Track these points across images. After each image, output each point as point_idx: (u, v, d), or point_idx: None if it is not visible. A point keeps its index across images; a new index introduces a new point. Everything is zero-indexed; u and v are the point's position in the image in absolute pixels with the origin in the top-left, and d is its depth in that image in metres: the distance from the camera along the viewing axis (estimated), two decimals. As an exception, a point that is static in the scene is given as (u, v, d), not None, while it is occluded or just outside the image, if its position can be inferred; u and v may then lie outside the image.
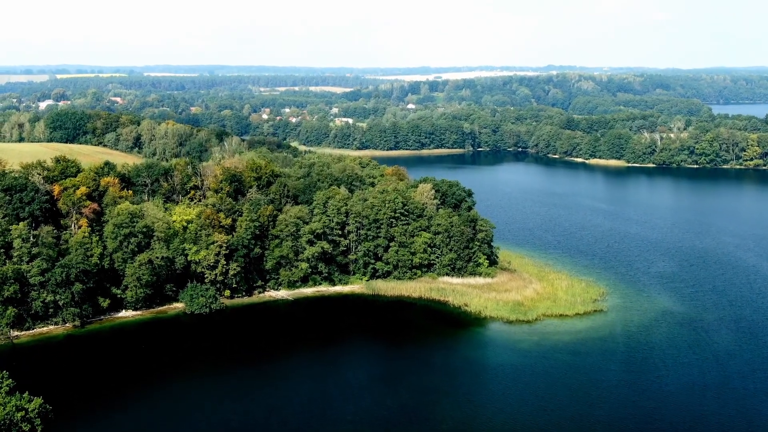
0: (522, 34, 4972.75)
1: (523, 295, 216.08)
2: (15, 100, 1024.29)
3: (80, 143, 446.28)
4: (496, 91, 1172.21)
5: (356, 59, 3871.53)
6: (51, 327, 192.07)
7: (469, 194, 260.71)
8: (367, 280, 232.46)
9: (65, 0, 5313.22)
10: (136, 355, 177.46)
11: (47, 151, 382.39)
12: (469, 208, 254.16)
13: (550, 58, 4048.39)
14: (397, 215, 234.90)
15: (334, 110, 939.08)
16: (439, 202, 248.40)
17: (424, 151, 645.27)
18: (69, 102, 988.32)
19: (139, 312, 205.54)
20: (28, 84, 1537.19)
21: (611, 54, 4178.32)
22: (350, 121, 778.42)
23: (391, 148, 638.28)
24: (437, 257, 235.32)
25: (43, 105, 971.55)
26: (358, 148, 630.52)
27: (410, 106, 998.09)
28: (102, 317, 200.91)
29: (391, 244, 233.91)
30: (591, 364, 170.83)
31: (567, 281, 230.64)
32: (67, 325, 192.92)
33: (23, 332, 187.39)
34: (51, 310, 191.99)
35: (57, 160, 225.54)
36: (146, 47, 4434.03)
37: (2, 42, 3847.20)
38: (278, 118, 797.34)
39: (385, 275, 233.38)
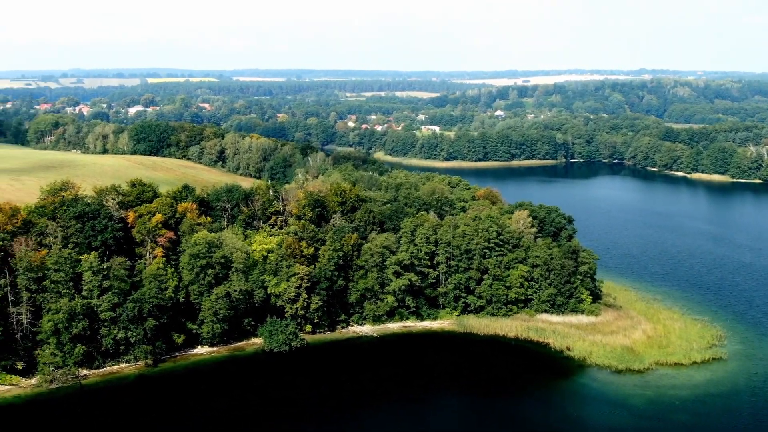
0: (612, 36, 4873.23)
1: (631, 339, 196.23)
2: (105, 106, 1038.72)
3: (164, 156, 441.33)
4: (588, 96, 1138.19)
5: (442, 62, 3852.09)
6: (122, 365, 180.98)
7: (570, 221, 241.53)
8: (458, 315, 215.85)
9: (157, 3, 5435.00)
10: (211, 397, 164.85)
11: (129, 165, 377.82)
12: (570, 237, 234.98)
13: (642, 61, 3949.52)
14: (491, 245, 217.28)
15: (421, 117, 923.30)
16: (536, 231, 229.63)
17: (515, 163, 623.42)
18: (158, 108, 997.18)
19: (215, 348, 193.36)
20: (119, 88, 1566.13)
21: (705, 57, 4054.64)
22: (437, 129, 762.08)
23: (479, 159, 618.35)
24: (535, 292, 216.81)
25: (132, 111, 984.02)
26: (445, 159, 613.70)
27: (498, 112, 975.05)
28: (176, 354, 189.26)
29: (484, 276, 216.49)
30: (714, 428, 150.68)
31: (680, 322, 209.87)
32: (138, 363, 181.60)
33: (92, 371, 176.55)
34: (122, 347, 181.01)
35: (133, 185, 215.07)
36: (235, 51, 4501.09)
37: (95, 45, 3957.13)
38: (364, 126, 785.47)
39: (478, 310, 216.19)
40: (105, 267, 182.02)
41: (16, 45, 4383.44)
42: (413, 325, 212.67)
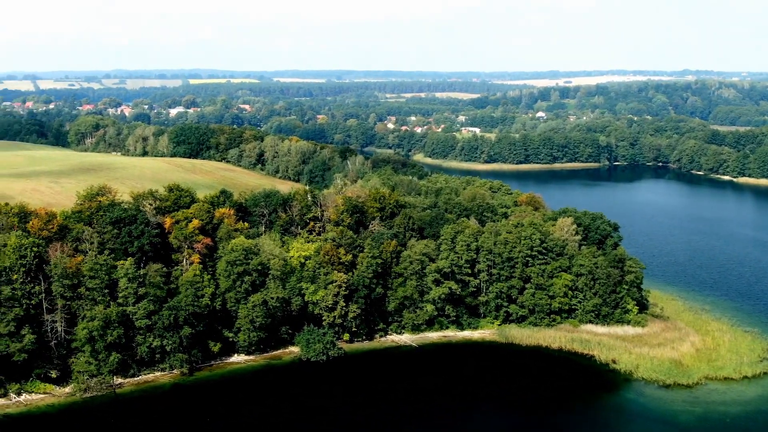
0: (655, 36, 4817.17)
1: (679, 351, 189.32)
2: (146, 107, 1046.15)
3: (203, 158, 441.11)
4: (631, 98, 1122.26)
5: (483, 63, 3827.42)
6: (157, 374, 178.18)
7: (615, 228, 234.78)
8: (499, 325, 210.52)
9: (199, 4, 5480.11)
10: (246, 407, 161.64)
11: (169, 167, 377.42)
12: (615, 245, 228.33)
13: (685, 62, 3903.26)
14: (534, 253, 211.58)
15: (461, 118, 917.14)
16: (581, 238, 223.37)
17: (557, 165, 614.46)
18: (198, 109, 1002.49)
19: (251, 357, 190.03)
20: (161, 89, 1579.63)
21: (750, 57, 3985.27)
22: (477, 131, 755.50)
23: (520, 162, 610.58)
24: (579, 302, 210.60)
25: (173, 112, 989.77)
26: (486, 162, 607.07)
27: (540, 114, 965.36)
28: (212, 363, 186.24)
29: (526, 285, 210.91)
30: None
31: (729, 334, 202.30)
32: (174, 371, 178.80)
33: (127, 380, 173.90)
34: (157, 355, 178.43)
35: (170, 189, 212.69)
36: (277, 52, 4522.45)
37: (138, 46, 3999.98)
38: (403, 128, 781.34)
39: (520, 320, 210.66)
40: (141, 274, 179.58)
41: (61, 45, 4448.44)
42: (453, 334, 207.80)
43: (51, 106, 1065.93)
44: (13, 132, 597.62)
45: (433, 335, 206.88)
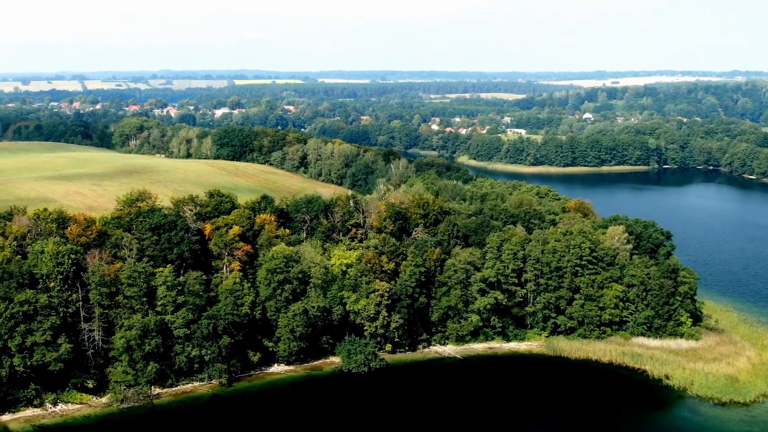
0: (704, 36, 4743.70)
1: (735, 367, 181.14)
2: (192, 108, 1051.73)
3: (246, 161, 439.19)
4: (680, 99, 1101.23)
5: (528, 63, 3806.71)
6: (195, 384, 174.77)
7: (668, 236, 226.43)
8: (547, 337, 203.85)
9: (245, 6, 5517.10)
10: (286, 418, 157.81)
11: (212, 170, 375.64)
12: (668, 254, 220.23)
13: (735, 63, 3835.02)
14: (583, 263, 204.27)
15: (506, 120, 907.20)
16: (632, 247, 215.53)
17: (604, 168, 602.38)
18: (243, 110, 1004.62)
19: (291, 367, 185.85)
20: (207, 90, 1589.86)
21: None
22: (523, 132, 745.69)
23: (567, 165, 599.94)
24: (631, 314, 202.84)
25: (218, 113, 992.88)
26: (532, 164, 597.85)
27: (587, 115, 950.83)
28: (251, 373, 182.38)
29: (575, 296, 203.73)
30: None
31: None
32: (213, 382, 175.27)
33: (165, 390, 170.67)
34: (196, 365, 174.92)
35: (211, 195, 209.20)
36: (322, 52, 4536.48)
37: (185, 47, 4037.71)
38: (448, 129, 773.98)
39: (568, 332, 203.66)
40: (180, 282, 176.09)
41: (109, 46, 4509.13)
42: (499, 346, 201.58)
43: (98, 106, 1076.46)
44: (58, 133, 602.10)
45: (478, 347, 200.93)
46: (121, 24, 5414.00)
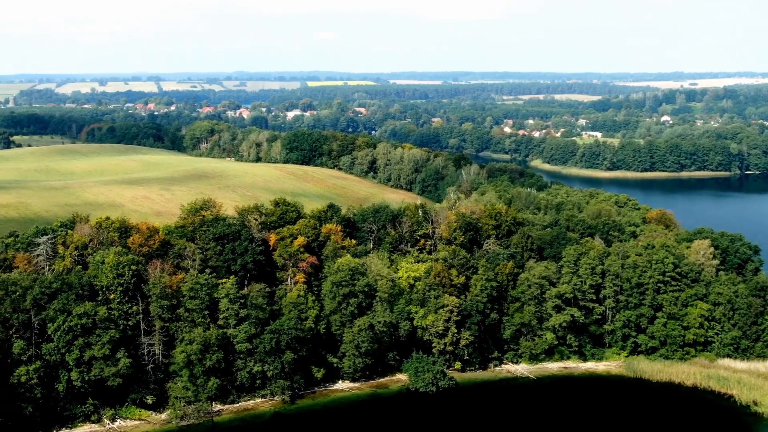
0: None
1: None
2: (264, 110, 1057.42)
3: (315, 165, 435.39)
4: (761, 102, 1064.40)
5: (603, 63, 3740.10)
6: (257, 401, 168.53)
7: (756, 251, 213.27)
8: (626, 357, 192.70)
9: (319, 7, 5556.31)
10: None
11: (281, 175, 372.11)
12: (756, 270, 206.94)
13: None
14: (666, 279, 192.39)
15: (581, 122, 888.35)
16: (718, 263, 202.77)
17: (684, 173, 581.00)
18: (315, 112, 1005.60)
19: (356, 384, 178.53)
20: (280, 92, 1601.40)
21: None
22: (598, 136, 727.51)
23: (645, 169, 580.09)
24: (716, 334, 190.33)
25: (290, 115, 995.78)
26: (608, 169, 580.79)
27: (665, 118, 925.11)
28: (315, 390, 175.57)
29: (657, 314, 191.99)
30: None
31: None
32: (275, 399, 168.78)
33: (225, 406, 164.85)
34: (258, 381, 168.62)
35: (276, 203, 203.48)
36: (394, 53, 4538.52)
37: (259, 49, 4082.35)
38: (521, 132, 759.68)
39: (649, 352, 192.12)
40: (243, 294, 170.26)
41: (184, 48, 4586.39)
42: (575, 366, 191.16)
43: (172, 108, 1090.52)
44: (130, 135, 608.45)
45: (553, 366, 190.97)
46: (198, 25, 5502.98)
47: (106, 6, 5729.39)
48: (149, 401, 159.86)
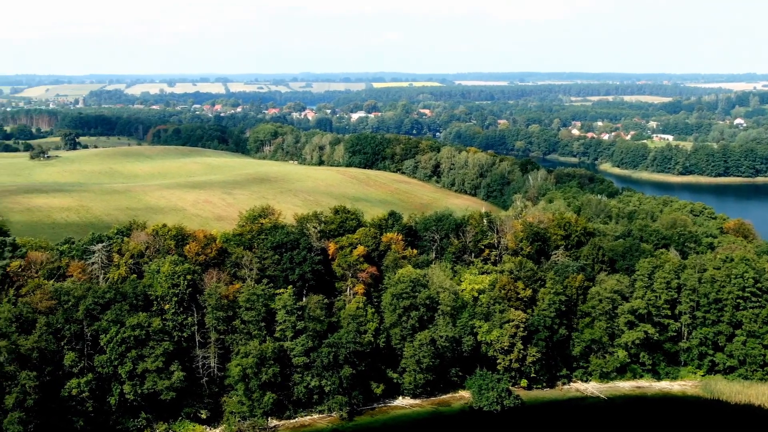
0: None
1: None
2: (329, 111, 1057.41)
3: (378, 169, 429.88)
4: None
5: (674, 64, 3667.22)
6: (314, 416, 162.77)
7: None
8: (703, 376, 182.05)
9: (385, 7, 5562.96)
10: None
11: (343, 179, 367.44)
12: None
13: None
14: (746, 295, 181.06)
15: (651, 124, 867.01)
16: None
17: (759, 179, 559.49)
18: (379, 114, 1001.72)
19: (417, 401, 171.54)
20: (345, 93, 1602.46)
21: None
22: (670, 139, 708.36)
23: (719, 174, 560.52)
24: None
25: (354, 117, 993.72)
26: (680, 174, 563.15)
27: (738, 120, 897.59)
28: (374, 406, 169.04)
29: (736, 332, 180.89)
30: None
31: None
32: (332, 415, 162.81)
33: (282, 422, 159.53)
34: (315, 396, 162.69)
35: (336, 211, 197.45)
36: (460, 54, 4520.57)
37: (325, 50, 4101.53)
38: (589, 134, 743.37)
39: (727, 371, 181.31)
40: (300, 306, 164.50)
41: (252, 50, 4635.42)
42: (648, 385, 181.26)
43: (238, 109, 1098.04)
44: (195, 137, 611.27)
45: (625, 385, 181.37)
46: (266, 26, 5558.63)
47: (177, 7, 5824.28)
48: (203, 416, 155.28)
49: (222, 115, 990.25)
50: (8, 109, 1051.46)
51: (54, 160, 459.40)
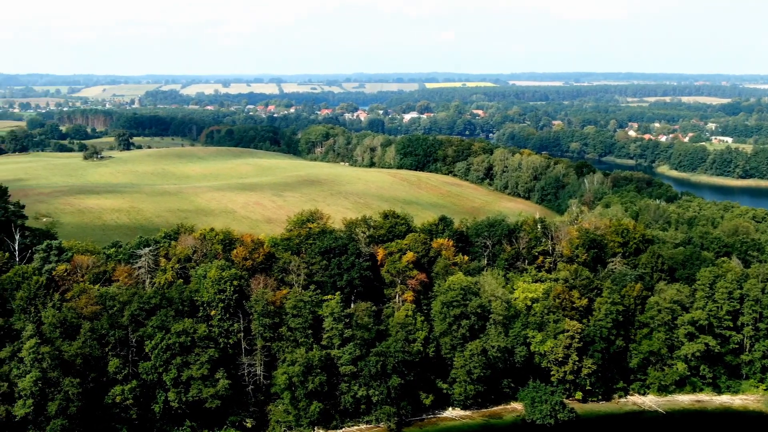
0: None
1: None
2: (381, 112, 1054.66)
3: (429, 171, 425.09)
4: None
5: (732, 65, 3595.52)
6: (362, 427, 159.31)
7: None
8: (766, 390, 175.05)
9: (439, 8, 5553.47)
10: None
11: (394, 181, 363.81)
12: None
13: None
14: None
15: (710, 126, 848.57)
16: None
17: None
18: (432, 114, 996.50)
19: (467, 412, 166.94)
20: (398, 93, 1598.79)
21: None
22: (729, 141, 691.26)
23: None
24: None
25: (406, 117, 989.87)
26: (741, 177, 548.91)
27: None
28: (423, 417, 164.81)
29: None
30: None
31: None
32: (380, 425, 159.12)
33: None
34: (363, 406, 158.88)
35: (385, 216, 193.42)
36: (514, 54, 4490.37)
37: (378, 50, 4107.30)
38: (646, 136, 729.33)
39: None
40: (348, 313, 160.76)
41: (306, 50, 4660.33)
42: (708, 399, 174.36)
43: (291, 110, 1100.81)
44: (248, 138, 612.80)
45: (684, 399, 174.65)
46: (319, 27, 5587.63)
47: (234, 8, 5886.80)
48: (248, 424, 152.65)
49: (275, 115, 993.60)
50: (65, 109, 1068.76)
51: (107, 161, 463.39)
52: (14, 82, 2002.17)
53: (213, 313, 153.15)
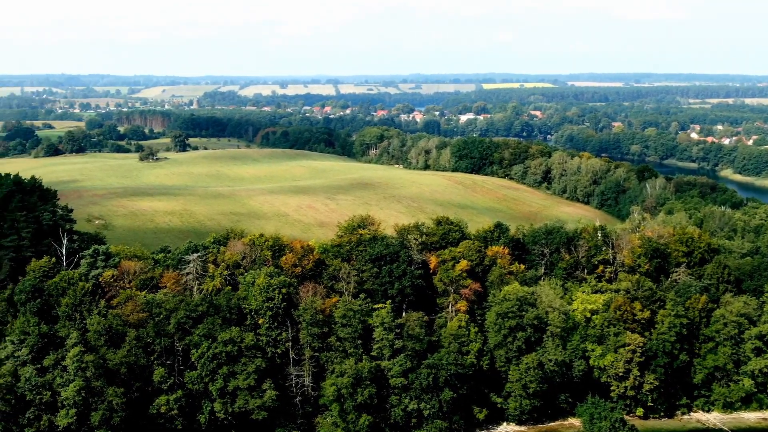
0: None
1: None
2: (437, 113, 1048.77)
3: (485, 174, 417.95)
4: None
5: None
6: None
7: None
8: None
9: (497, 8, 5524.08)
10: None
11: (448, 184, 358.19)
12: None
13: None
14: None
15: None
16: None
17: None
18: (488, 116, 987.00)
19: (523, 428, 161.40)
20: (454, 94, 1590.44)
21: None
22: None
23: None
24: None
25: (463, 119, 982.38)
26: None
27: None
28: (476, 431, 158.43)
29: None
30: None
31: None
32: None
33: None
34: (413, 420, 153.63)
35: (438, 222, 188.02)
36: (573, 54, 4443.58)
37: (435, 51, 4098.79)
38: (709, 139, 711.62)
39: None
40: (399, 323, 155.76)
41: (363, 51, 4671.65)
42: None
43: (347, 111, 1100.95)
44: (303, 140, 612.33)
45: (750, 416, 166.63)
46: (376, 27, 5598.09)
47: (290, 9, 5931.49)
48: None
49: (331, 117, 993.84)
50: (124, 110, 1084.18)
51: (162, 162, 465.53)
52: (76, 82, 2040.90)
53: (261, 321, 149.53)
